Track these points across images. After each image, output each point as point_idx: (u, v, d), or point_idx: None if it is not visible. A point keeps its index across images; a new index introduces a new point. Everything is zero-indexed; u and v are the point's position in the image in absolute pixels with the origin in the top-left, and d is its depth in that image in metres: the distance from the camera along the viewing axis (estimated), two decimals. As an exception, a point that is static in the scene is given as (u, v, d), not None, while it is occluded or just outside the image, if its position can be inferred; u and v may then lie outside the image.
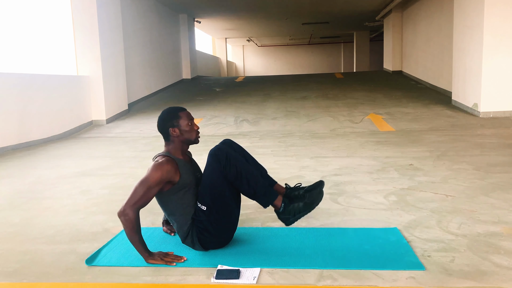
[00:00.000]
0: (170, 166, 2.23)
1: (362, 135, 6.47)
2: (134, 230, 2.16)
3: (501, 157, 4.66)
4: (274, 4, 13.58)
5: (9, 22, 7.41)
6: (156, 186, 2.20)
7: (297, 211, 2.30)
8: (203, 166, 2.38)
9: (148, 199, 2.20)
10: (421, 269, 2.06)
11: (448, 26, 9.38)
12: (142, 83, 10.97)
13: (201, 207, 2.28)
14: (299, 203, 2.32)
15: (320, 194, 2.36)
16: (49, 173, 4.62)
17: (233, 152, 2.29)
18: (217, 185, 2.25)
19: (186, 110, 2.41)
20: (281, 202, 2.32)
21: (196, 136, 2.40)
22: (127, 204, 2.15)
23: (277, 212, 2.35)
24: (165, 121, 2.36)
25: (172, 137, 2.35)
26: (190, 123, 2.37)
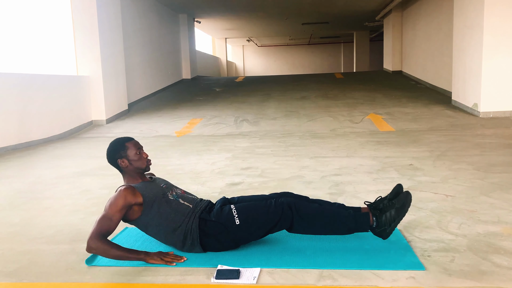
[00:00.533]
0: (127, 191, 2.24)
1: (362, 135, 6.47)
2: (111, 251, 2.14)
3: (501, 157, 4.66)
4: (274, 4, 13.58)
5: (9, 22, 7.40)
6: (117, 213, 2.20)
7: (391, 220, 2.26)
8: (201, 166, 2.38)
9: (111, 227, 2.20)
10: (421, 269, 2.06)
11: (448, 26, 9.38)
12: (142, 83, 10.97)
13: (235, 216, 2.27)
14: (390, 211, 2.27)
15: (408, 195, 2.30)
16: (49, 173, 4.62)
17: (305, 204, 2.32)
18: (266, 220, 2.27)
19: (133, 139, 2.43)
20: (372, 216, 2.29)
21: (147, 164, 2.41)
22: (89, 238, 2.15)
23: (372, 229, 2.31)
24: (112, 153, 2.38)
25: (123, 168, 2.37)
26: (138, 152, 2.38)
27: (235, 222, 2.26)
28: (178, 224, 2.28)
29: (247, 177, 4.11)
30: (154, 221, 2.29)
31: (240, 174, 4.26)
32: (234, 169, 4.47)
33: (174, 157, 5.29)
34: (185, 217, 2.29)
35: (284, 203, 2.27)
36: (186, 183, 3.92)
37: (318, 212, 2.28)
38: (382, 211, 2.30)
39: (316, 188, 3.62)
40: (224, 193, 3.57)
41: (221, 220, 2.28)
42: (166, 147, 6.10)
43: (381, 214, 2.28)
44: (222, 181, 4.01)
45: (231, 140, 6.40)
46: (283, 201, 2.29)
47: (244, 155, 5.23)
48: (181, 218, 2.29)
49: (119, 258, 2.16)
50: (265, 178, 4.08)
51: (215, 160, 4.96)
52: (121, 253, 2.16)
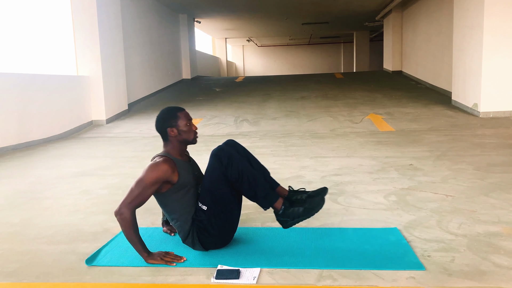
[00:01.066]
0: (167, 166, 2.22)
1: (362, 135, 6.47)
2: (131, 229, 2.16)
3: (501, 157, 4.66)
4: (274, 4, 13.58)
5: (9, 22, 7.40)
6: (152, 186, 2.19)
7: (296, 215, 2.28)
8: (203, 166, 2.39)
9: (144, 199, 2.19)
10: (421, 269, 2.06)
11: (448, 26, 9.38)
12: (142, 83, 10.97)
13: (202, 207, 2.28)
14: (299, 208, 2.30)
15: (322, 202, 2.33)
16: (49, 173, 4.62)
17: (235, 153, 2.29)
18: (218, 186, 2.25)
19: (184, 110, 2.40)
20: (282, 204, 2.30)
21: (194, 137, 2.39)
22: (122, 203, 2.15)
23: (276, 214, 2.33)
24: (163, 121, 2.35)
25: (170, 137, 2.34)
26: (188, 124, 2.36)
27: (203, 210, 2.26)
28: (189, 219, 2.30)
29: (247, 177, 4.11)
30: (174, 203, 2.29)
31: (240, 174, 4.25)
32: (234, 169, 4.47)
33: (174, 157, 5.29)
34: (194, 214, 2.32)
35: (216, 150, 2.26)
36: (186, 183, 3.92)
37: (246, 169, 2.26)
38: (292, 203, 2.33)
39: (316, 188, 3.62)
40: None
41: (198, 216, 2.29)
42: (166, 147, 6.09)
43: (289, 206, 2.30)
44: (222, 181, 4.00)
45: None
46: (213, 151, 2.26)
47: (244, 155, 5.22)
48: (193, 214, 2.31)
49: (131, 241, 2.18)
50: (265, 178, 4.07)
51: (215, 160, 4.94)
52: (136, 238, 2.17)
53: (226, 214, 2.30)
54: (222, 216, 2.29)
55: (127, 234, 2.17)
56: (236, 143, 2.46)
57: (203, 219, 2.27)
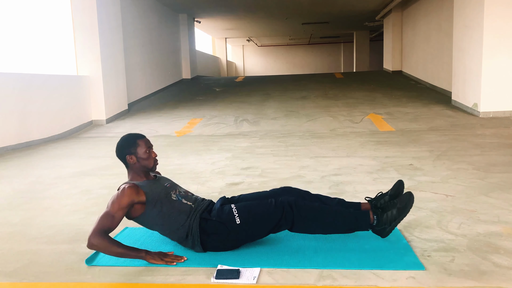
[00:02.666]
0: (130, 190, 2.24)
1: (362, 135, 6.47)
2: (111, 248, 2.14)
3: (501, 157, 4.66)
4: (274, 4, 13.58)
5: (9, 22, 7.40)
6: (119, 210, 2.20)
7: (392, 219, 2.25)
8: (203, 166, 2.38)
9: (113, 225, 2.20)
10: (421, 269, 2.06)
11: (448, 26, 9.38)
12: (142, 83, 10.97)
13: (236, 215, 2.26)
14: (392, 211, 2.26)
15: (411, 196, 2.29)
16: (49, 173, 4.62)
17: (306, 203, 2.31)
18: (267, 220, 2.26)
19: (144, 137, 2.43)
20: (373, 215, 2.28)
21: (154, 164, 2.41)
22: (91, 235, 2.15)
23: (372, 227, 2.30)
24: (122, 148, 2.38)
25: (129, 164, 2.37)
26: (147, 151, 2.37)
27: (235, 222, 2.26)
28: (181, 223, 2.29)
29: (247, 177, 4.11)
30: (156, 220, 2.30)
31: (240, 174, 4.26)
32: (234, 169, 4.47)
33: (174, 157, 5.29)
34: (187, 217, 2.30)
35: (284, 202, 2.27)
36: (186, 183, 3.92)
37: (319, 212, 2.28)
38: (383, 209, 2.30)
39: (316, 188, 3.62)
40: (224, 193, 3.57)
41: (221, 219, 2.28)
42: (166, 147, 6.10)
43: (382, 213, 2.28)
44: (222, 181, 4.01)
45: (231, 140, 6.40)
46: (283, 200, 2.28)
47: (244, 155, 5.23)
48: (183, 218, 2.29)
49: (120, 255, 2.16)
50: (265, 178, 4.08)
51: (215, 160, 4.96)
52: (122, 251, 2.15)
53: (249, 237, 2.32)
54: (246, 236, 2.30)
55: (111, 253, 2.16)
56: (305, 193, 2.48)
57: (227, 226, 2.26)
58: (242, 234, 2.28)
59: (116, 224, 2.21)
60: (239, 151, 5.47)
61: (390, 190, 2.44)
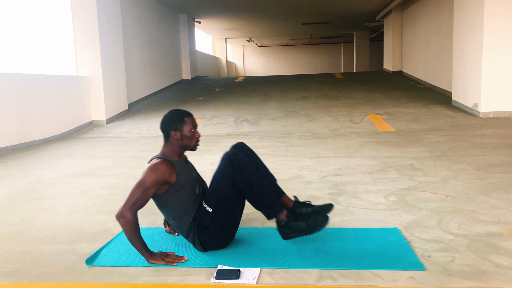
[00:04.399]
0: (165, 167, 2.23)
1: (362, 135, 6.47)
2: (133, 232, 2.16)
3: (501, 157, 4.66)
4: (274, 4, 13.58)
5: (9, 22, 7.40)
6: (152, 187, 2.19)
7: (297, 230, 2.27)
8: (202, 167, 2.39)
9: (146, 201, 2.20)
10: (421, 269, 2.06)
11: (448, 26, 9.38)
12: (142, 83, 10.97)
13: (207, 208, 2.28)
14: (302, 223, 2.28)
15: (325, 220, 2.30)
16: (49, 173, 4.62)
17: (247, 160, 2.29)
18: (226, 189, 2.26)
19: (192, 116, 2.41)
20: (285, 216, 2.30)
21: (195, 144, 2.40)
22: (124, 206, 2.15)
23: (278, 224, 2.33)
24: (169, 122, 2.36)
25: (172, 139, 2.35)
26: (192, 130, 2.36)
27: (208, 211, 2.27)
28: (190, 217, 2.30)
29: (247, 177, 4.10)
30: (172, 204, 2.29)
31: (240, 174, 4.25)
32: (234, 169, 4.46)
33: (174, 157, 5.29)
34: (195, 214, 2.32)
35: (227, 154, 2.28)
36: (186, 183, 3.91)
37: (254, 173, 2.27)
38: (296, 218, 2.32)
39: (316, 188, 3.62)
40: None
41: (202, 217, 2.29)
42: (166, 147, 6.09)
43: (293, 220, 2.29)
44: (222, 181, 4.00)
45: (231, 140, 6.40)
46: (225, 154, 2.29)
47: (244, 155, 5.22)
48: (192, 214, 2.31)
49: (133, 242, 2.18)
50: (265, 178, 4.07)
51: (215, 160, 4.93)
52: (138, 239, 2.18)
53: (230, 216, 2.31)
54: (226, 219, 2.30)
55: (130, 236, 2.17)
56: (246, 147, 2.47)
57: (207, 220, 2.28)
58: (221, 217, 2.27)
59: (147, 201, 2.20)
60: (239, 151, 5.45)
61: (318, 206, 2.46)
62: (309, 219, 2.31)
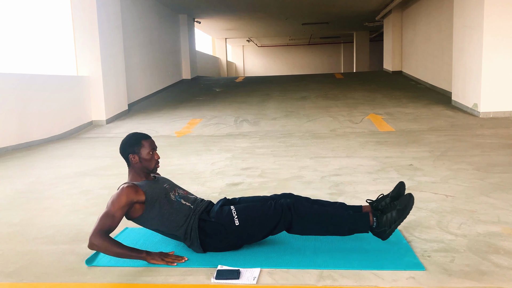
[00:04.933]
0: (129, 189, 2.25)
1: (362, 135, 6.47)
2: (112, 249, 2.14)
3: (501, 157, 4.66)
4: (274, 4, 13.58)
5: (9, 22, 7.40)
6: (119, 210, 2.20)
7: (392, 222, 2.24)
8: (202, 167, 2.38)
9: (114, 224, 2.20)
10: (421, 269, 2.06)
11: (448, 26, 9.38)
12: (142, 83, 10.97)
13: (235, 217, 2.27)
14: (391, 212, 2.25)
15: (411, 198, 2.27)
16: (49, 173, 4.62)
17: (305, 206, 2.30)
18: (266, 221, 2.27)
19: (150, 138, 2.43)
20: (373, 217, 2.28)
21: (155, 166, 2.41)
22: (92, 234, 2.14)
23: (372, 230, 2.29)
24: (126, 146, 2.38)
25: (131, 163, 2.37)
26: (151, 152, 2.38)
27: (234, 223, 2.26)
28: (180, 224, 2.29)
29: (247, 177, 4.11)
30: (156, 220, 2.30)
31: (240, 174, 4.26)
32: (234, 169, 4.47)
33: (174, 157, 5.29)
34: (186, 218, 2.30)
35: (283, 204, 2.27)
36: (186, 183, 3.92)
37: (317, 213, 2.28)
38: (383, 211, 2.30)
39: (316, 189, 3.62)
40: (224, 193, 3.57)
41: (220, 220, 2.28)
42: (166, 147, 6.10)
43: (382, 215, 2.27)
44: (222, 181, 4.01)
45: (231, 140, 6.40)
46: (282, 202, 2.29)
47: (244, 155, 5.23)
48: (183, 219, 2.29)
49: (120, 256, 2.16)
50: (265, 178, 4.07)
51: (215, 160, 4.96)
52: (123, 251, 2.15)
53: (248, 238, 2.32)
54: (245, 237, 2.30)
55: (112, 254, 2.16)
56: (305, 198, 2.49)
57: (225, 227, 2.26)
58: (240, 235, 2.28)
59: (116, 224, 2.21)
60: (239, 152, 5.47)
61: (391, 191, 2.44)
62: (396, 206, 2.27)
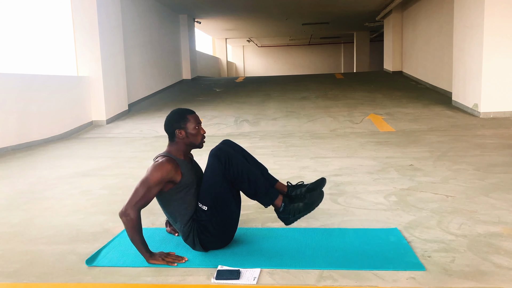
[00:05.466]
0: (170, 165, 2.22)
1: (362, 135, 6.47)
2: (135, 230, 2.16)
3: (501, 157, 4.66)
4: (274, 4, 13.58)
5: (9, 22, 7.41)
6: (156, 186, 2.19)
7: (296, 211, 2.30)
8: (201, 166, 2.39)
9: (149, 199, 2.19)
10: (421, 270, 2.06)
11: (448, 26, 9.38)
12: (142, 83, 10.97)
13: (202, 207, 2.28)
14: (299, 203, 2.31)
15: (321, 195, 2.35)
16: (49, 173, 4.62)
17: (233, 152, 2.30)
18: (218, 185, 2.26)
19: (195, 113, 2.41)
20: (281, 201, 2.32)
21: (201, 141, 2.39)
22: (128, 204, 2.15)
23: (277, 211, 2.35)
24: (173, 121, 2.35)
25: (177, 138, 2.34)
26: (197, 127, 2.36)
27: (204, 210, 2.26)
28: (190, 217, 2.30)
29: (247, 178, 4.11)
30: (174, 203, 2.29)
31: (240, 174, 4.25)
32: (234, 169, 4.46)
33: (174, 157, 5.29)
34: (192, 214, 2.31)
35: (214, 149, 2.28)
36: (186, 183, 3.91)
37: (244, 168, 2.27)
38: (292, 200, 2.35)
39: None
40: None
41: (199, 216, 2.29)
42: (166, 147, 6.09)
43: (289, 203, 2.32)
44: (222, 181, 4.00)
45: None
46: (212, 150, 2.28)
47: (244, 155, 5.22)
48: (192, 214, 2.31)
49: (134, 241, 2.18)
50: (265, 178, 4.07)
51: (215, 160, 4.94)
52: (139, 239, 2.17)
53: (226, 213, 2.30)
54: (223, 215, 2.29)
55: (131, 235, 2.16)
56: (232, 142, 2.48)
57: (204, 219, 2.27)
58: (217, 214, 2.27)
59: (151, 199, 2.19)
60: (239, 152, 5.46)
61: (311, 183, 2.49)
62: (305, 198, 2.33)
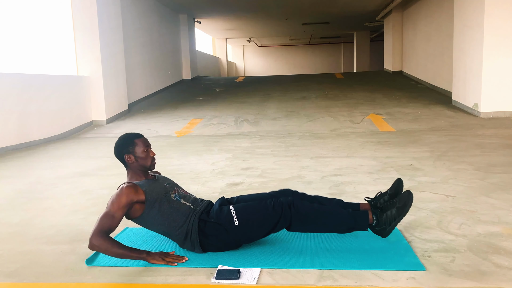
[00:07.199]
0: (129, 189, 2.24)
1: (362, 135, 6.47)
2: (112, 251, 2.14)
3: (501, 157, 4.66)
4: (274, 4, 13.58)
5: (10, 22, 7.40)
6: (119, 210, 2.20)
7: (392, 219, 2.25)
8: (203, 167, 2.38)
9: (114, 225, 2.20)
10: (421, 270, 2.06)
11: (448, 26, 9.38)
12: (142, 83, 10.97)
13: (234, 217, 2.26)
14: (391, 210, 2.26)
15: (410, 195, 2.28)
16: (49, 173, 4.62)
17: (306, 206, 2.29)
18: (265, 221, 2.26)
19: (142, 136, 2.44)
20: (372, 215, 2.28)
21: (151, 163, 2.41)
22: (92, 235, 2.14)
23: (372, 228, 2.30)
24: (120, 147, 2.39)
25: (128, 163, 2.38)
26: (145, 150, 2.38)
27: (234, 223, 2.25)
28: (179, 224, 2.29)
29: (247, 177, 4.11)
30: (156, 219, 2.29)
31: (240, 174, 4.26)
32: (234, 169, 4.47)
33: (174, 157, 5.29)
34: (186, 218, 2.29)
35: (283, 203, 2.27)
36: (186, 183, 3.92)
37: (317, 212, 2.28)
38: (382, 209, 2.31)
39: (316, 189, 3.62)
40: (224, 193, 3.57)
41: (220, 221, 2.27)
42: (166, 147, 6.10)
43: (381, 213, 2.28)
44: (222, 181, 4.01)
45: (231, 140, 6.40)
46: (282, 201, 2.28)
47: (244, 155, 5.23)
48: (182, 219, 2.29)
49: (121, 256, 2.16)
50: (265, 178, 4.07)
51: (215, 160, 4.95)
52: (123, 252, 2.15)
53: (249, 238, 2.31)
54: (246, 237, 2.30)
55: (112, 254, 2.15)
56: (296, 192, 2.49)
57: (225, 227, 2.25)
58: (240, 235, 2.27)
59: (116, 224, 2.21)
60: (239, 152, 5.47)
61: (389, 189, 2.45)
62: (395, 203, 2.28)
